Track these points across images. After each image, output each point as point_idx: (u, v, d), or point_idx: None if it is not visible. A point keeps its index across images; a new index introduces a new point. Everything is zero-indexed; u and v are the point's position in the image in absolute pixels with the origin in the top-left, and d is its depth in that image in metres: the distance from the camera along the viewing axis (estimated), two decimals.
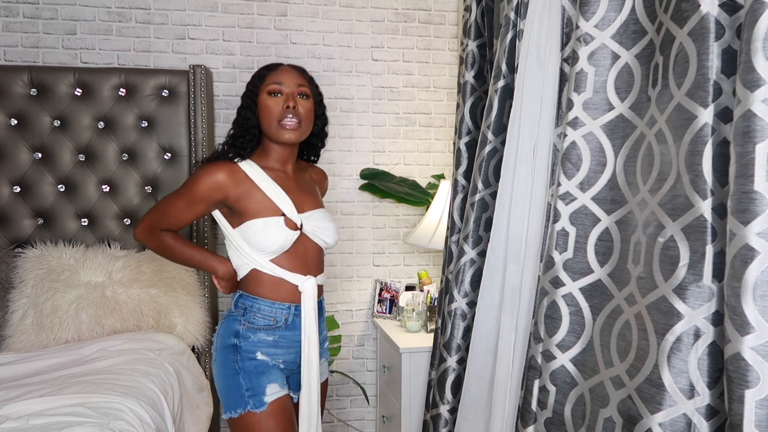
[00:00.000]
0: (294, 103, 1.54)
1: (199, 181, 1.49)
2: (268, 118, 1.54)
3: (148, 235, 1.55)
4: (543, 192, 1.56)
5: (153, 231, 1.54)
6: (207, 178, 1.49)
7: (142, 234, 1.55)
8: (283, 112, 1.53)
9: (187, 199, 1.50)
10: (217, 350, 1.54)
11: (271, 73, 1.58)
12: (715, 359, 0.98)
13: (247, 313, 1.53)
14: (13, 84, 2.26)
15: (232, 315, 1.55)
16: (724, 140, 0.97)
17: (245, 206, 1.50)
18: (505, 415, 1.62)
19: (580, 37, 1.30)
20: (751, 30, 0.88)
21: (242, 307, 1.54)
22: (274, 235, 1.49)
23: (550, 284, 1.37)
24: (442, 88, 2.78)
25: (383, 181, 2.66)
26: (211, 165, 1.52)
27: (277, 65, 1.61)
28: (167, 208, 1.53)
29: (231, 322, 1.54)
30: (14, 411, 1.43)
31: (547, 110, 1.54)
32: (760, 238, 0.86)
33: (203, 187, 1.49)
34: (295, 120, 1.53)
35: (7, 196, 2.29)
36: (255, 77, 1.59)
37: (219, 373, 1.53)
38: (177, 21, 2.51)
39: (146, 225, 1.54)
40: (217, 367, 1.53)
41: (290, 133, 1.53)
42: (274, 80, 1.55)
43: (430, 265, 2.82)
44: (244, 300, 1.54)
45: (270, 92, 1.54)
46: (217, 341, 1.55)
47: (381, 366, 2.67)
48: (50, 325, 2.00)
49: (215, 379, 1.55)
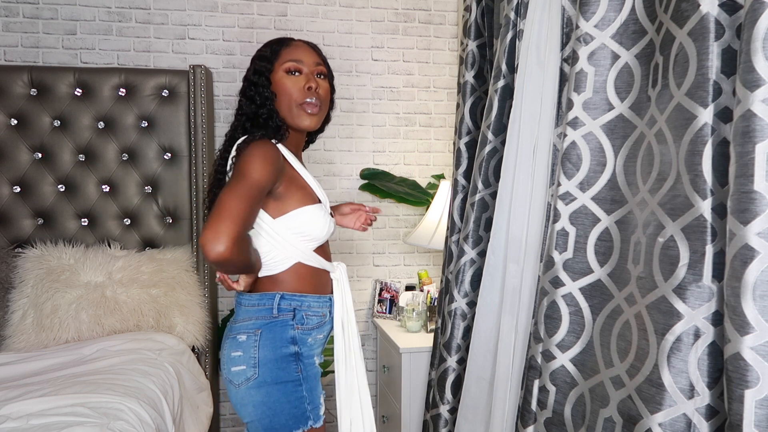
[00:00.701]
0: (316, 83, 1.39)
1: (266, 161, 1.26)
2: (286, 99, 1.38)
3: (238, 247, 1.18)
4: (543, 192, 1.56)
5: (242, 239, 1.21)
6: (272, 157, 1.27)
7: (231, 250, 1.16)
8: (304, 93, 1.38)
9: (260, 186, 1.24)
10: (265, 364, 1.31)
11: (285, 48, 1.41)
12: (715, 359, 0.98)
13: (297, 314, 1.35)
14: (13, 84, 2.26)
15: (277, 321, 1.33)
16: (724, 140, 0.97)
17: (290, 192, 1.35)
18: (505, 415, 1.62)
19: (580, 37, 1.30)
20: (751, 30, 0.88)
21: (289, 309, 1.35)
22: (323, 224, 1.37)
23: (550, 284, 1.37)
24: (442, 88, 2.78)
25: (383, 181, 2.66)
26: (263, 143, 1.30)
27: (289, 40, 1.44)
28: (248, 201, 1.21)
29: (281, 329, 1.33)
30: (14, 411, 1.43)
31: (547, 110, 1.54)
32: (760, 238, 0.86)
33: (271, 167, 1.26)
34: (317, 103, 1.39)
35: (7, 196, 2.29)
36: (266, 53, 1.41)
37: (272, 390, 1.30)
38: (177, 21, 2.51)
39: (233, 235, 1.16)
40: (267, 384, 1.30)
41: (310, 119, 1.39)
42: (291, 57, 1.39)
43: (430, 265, 2.82)
44: (289, 300, 1.35)
45: (288, 70, 1.38)
46: (263, 353, 1.31)
47: (381, 366, 2.67)
48: (50, 325, 2.00)
49: (257, 398, 1.31)
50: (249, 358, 1.31)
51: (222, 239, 1.14)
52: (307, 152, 2.66)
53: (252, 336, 1.33)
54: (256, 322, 1.35)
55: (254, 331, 1.33)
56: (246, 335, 1.34)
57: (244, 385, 1.32)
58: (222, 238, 1.14)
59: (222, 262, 1.17)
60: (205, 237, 1.15)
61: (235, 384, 1.33)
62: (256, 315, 1.35)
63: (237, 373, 1.32)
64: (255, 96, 1.39)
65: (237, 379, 1.33)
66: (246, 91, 1.42)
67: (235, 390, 1.33)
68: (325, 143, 2.69)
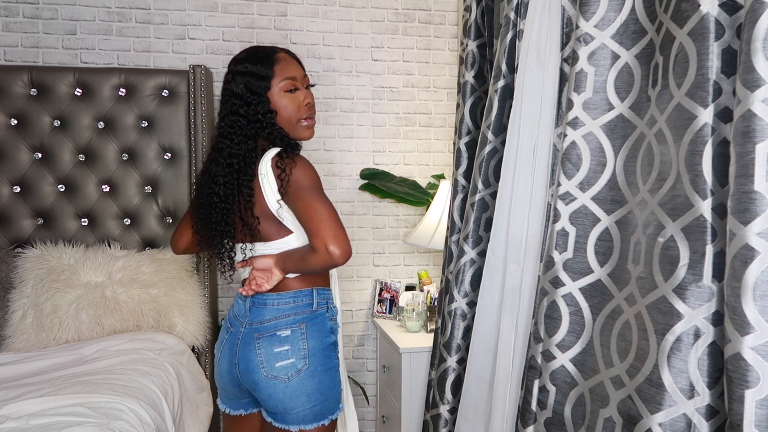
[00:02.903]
0: (312, 99, 1.49)
1: (315, 172, 1.41)
2: (288, 117, 1.46)
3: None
4: (543, 192, 1.56)
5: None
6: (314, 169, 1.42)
7: (348, 251, 1.34)
8: (304, 110, 1.48)
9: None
10: (314, 354, 1.41)
11: (277, 65, 1.45)
12: (715, 359, 0.98)
13: (329, 307, 1.49)
14: (13, 84, 2.26)
15: (317, 313, 1.45)
16: (724, 140, 0.97)
17: None
18: (505, 415, 1.62)
19: (580, 37, 1.30)
20: (751, 30, 0.88)
21: (323, 302, 1.47)
22: None
23: (550, 284, 1.37)
24: (442, 88, 2.78)
25: (383, 181, 2.66)
26: (299, 157, 1.42)
27: (275, 52, 1.47)
28: (334, 209, 1.38)
29: (322, 321, 1.45)
30: (14, 411, 1.43)
31: (547, 110, 1.54)
32: (760, 238, 0.86)
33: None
34: (313, 115, 1.50)
35: (7, 196, 2.29)
36: (256, 70, 1.43)
37: (323, 378, 1.41)
38: (177, 21, 2.51)
39: (347, 239, 1.35)
40: (319, 373, 1.41)
41: (310, 131, 1.51)
42: (287, 75, 1.45)
43: (430, 265, 2.82)
44: (323, 294, 1.48)
45: (286, 89, 1.45)
46: (312, 344, 1.41)
47: (381, 366, 2.67)
48: (50, 325, 2.00)
49: (311, 387, 1.40)
50: (298, 350, 1.40)
51: (344, 241, 1.32)
52: (308, 152, 2.66)
53: (297, 330, 1.41)
54: (297, 317, 1.43)
55: (299, 325, 1.42)
56: (290, 330, 1.41)
57: (295, 377, 1.39)
58: (344, 243, 1.32)
59: (342, 261, 1.33)
60: (335, 245, 1.30)
61: (283, 378, 1.39)
62: (295, 311, 1.44)
63: (284, 367, 1.39)
64: (249, 114, 1.41)
65: (285, 373, 1.39)
66: (238, 109, 1.42)
67: (284, 384, 1.39)
68: (325, 143, 2.69)
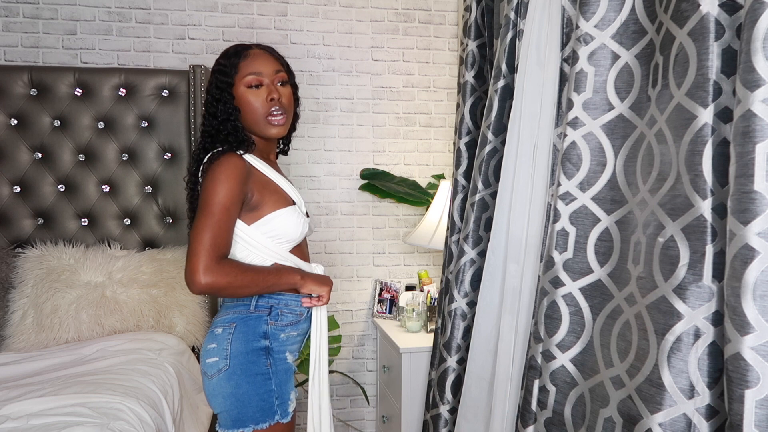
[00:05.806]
0: (278, 94, 1.42)
1: (230, 179, 1.30)
2: (251, 114, 1.41)
3: (216, 272, 1.25)
4: (543, 192, 1.56)
5: (218, 264, 1.26)
6: (235, 172, 1.31)
7: (208, 273, 1.24)
8: (267, 105, 1.41)
9: (226, 207, 1.29)
10: (236, 356, 1.35)
11: (243, 61, 1.41)
12: (715, 359, 0.98)
13: (273, 311, 1.40)
14: (13, 84, 2.26)
15: (252, 316, 1.39)
16: (724, 140, 0.97)
17: (264, 199, 1.39)
18: (505, 415, 1.62)
19: (580, 37, 1.30)
20: (751, 30, 0.88)
21: (266, 306, 1.40)
22: (297, 225, 1.42)
23: (550, 284, 1.37)
24: (442, 88, 2.78)
25: (383, 181, 2.66)
26: (227, 158, 1.33)
27: (246, 48, 1.44)
28: (216, 228, 1.27)
29: (255, 323, 1.38)
30: (14, 411, 1.43)
31: (547, 110, 1.54)
32: (760, 238, 0.86)
33: (236, 183, 1.31)
34: (282, 114, 1.43)
35: (7, 196, 2.29)
36: (224, 65, 1.42)
37: (240, 381, 1.34)
38: (177, 21, 2.51)
39: (207, 261, 1.24)
40: (236, 376, 1.34)
41: (277, 128, 1.43)
42: (250, 71, 1.40)
43: (430, 265, 2.82)
44: (267, 298, 1.41)
45: (249, 85, 1.40)
46: (234, 346, 1.35)
47: (381, 366, 2.67)
48: (50, 325, 2.00)
49: (227, 389, 1.35)
50: (222, 350, 1.36)
51: (201, 268, 1.24)
52: (308, 152, 2.67)
53: (227, 329, 1.38)
54: (232, 317, 1.41)
55: (229, 325, 1.39)
56: (222, 328, 1.39)
57: (215, 377, 1.36)
58: (200, 268, 1.23)
59: (207, 292, 1.27)
60: (185, 276, 1.25)
61: (208, 375, 1.38)
62: (234, 310, 1.42)
63: (210, 364, 1.37)
64: (217, 112, 1.42)
65: (210, 370, 1.37)
66: (209, 107, 1.44)
67: (208, 381, 1.38)
68: (325, 143, 2.69)
